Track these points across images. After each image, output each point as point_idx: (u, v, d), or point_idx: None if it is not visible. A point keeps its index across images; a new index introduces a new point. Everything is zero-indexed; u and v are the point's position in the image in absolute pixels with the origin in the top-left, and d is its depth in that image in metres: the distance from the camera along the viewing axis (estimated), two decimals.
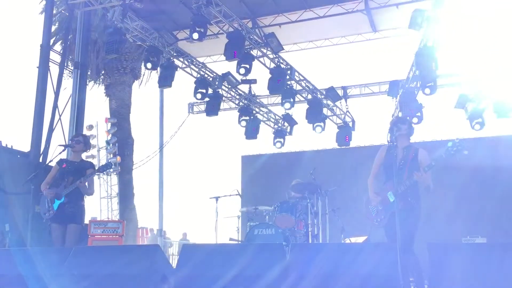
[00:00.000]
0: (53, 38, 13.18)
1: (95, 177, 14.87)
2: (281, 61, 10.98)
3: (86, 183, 5.94)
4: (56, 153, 7.53)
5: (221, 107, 12.88)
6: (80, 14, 11.09)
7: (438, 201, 11.21)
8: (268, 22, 11.37)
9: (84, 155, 6.53)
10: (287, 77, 11.12)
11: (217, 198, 8.95)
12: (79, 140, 6.14)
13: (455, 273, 4.20)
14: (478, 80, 11.97)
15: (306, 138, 14.12)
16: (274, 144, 13.75)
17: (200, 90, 11.67)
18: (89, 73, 13.98)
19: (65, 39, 12.22)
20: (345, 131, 13.29)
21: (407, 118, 5.22)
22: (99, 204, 16.28)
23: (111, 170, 6.12)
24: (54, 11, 12.69)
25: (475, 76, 12.09)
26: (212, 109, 12.33)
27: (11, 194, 8.86)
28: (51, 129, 10.40)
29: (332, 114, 13.29)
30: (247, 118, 13.08)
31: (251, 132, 13.14)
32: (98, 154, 15.94)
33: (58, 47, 13.26)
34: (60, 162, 6.07)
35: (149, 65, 10.45)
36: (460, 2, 8.59)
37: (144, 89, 16.44)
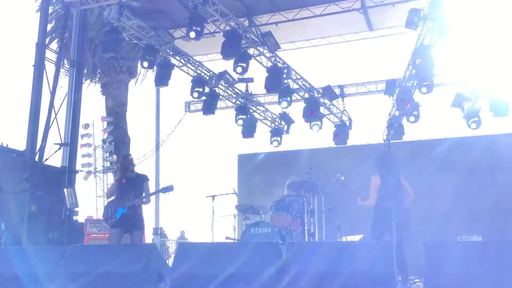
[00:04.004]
0: (49, 37, 13.14)
1: (91, 176, 14.80)
2: (278, 60, 10.97)
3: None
4: (51, 152, 7.49)
5: (218, 105, 12.86)
6: (76, 13, 11.06)
7: (434, 199, 11.25)
8: (264, 20, 11.36)
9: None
10: (284, 75, 11.12)
11: (213, 197, 8.95)
12: (132, 171, 6.83)
13: (451, 271, 4.21)
14: (474, 79, 12.00)
15: (303, 137, 14.14)
16: (271, 142, 13.74)
17: (196, 89, 11.64)
18: (85, 71, 13.94)
19: (61, 37, 12.16)
20: (342, 130, 13.30)
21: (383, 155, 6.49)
22: (95, 203, 16.27)
23: (171, 192, 6.81)
24: (50, 10, 12.68)
25: (471, 75, 12.13)
26: (209, 108, 12.32)
27: (6, 193, 8.84)
28: (47, 128, 10.37)
29: (329, 113, 13.29)
30: (244, 116, 13.08)
31: (248, 130, 13.13)
32: (94, 153, 15.92)
33: (54, 45, 13.22)
34: (120, 178, 6.83)
35: (145, 64, 10.41)
36: (456, 1, 8.60)
37: (141, 88, 16.39)
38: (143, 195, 6.73)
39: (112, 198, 6.83)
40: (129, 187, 6.66)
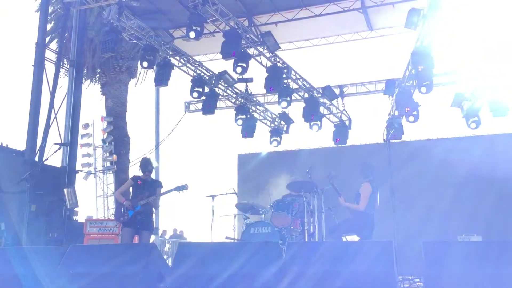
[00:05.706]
0: (49, 37, 13.13)
1: (91, 176, 14.79)
2: (278, 59, 10.97)
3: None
4: (51, 152, 7.50)
5: (218, 105, 12.85)
6: (76, 13, 11.06)
7: (434, 199, 11.27)
8: (264, 20, 11.37)
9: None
10: (284, 75, 11.11)
11: (213, 197, 8.96)
12: (150, 171, 7.12)
13: (451, 271, 4.22)
14: (474, 79, 12.00)
15: (303, 137, 14.13)
16: (271, 142, 13.73)
17: (196, 89, 11.62)
18: (85, 71, 13.94)
19: (61, 37, 12.16)
20: (341, 130, 13.29)
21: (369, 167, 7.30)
22: (95, 203, 16.26)
23: (185, 190, 6.96)
24: (50, 10, 12.66)
25: (471, 75, 12.12)
26: (209, 107, 12.30)
27: (6, 193, 8.84)
28: (47, 128, 10.38)
29: (329, 112, 13.29)
30: (244, 116, 13.05)
31: (248, 130, 13.12)
32: (94, 153, 15.90)
33: (54, 45, 13.21)
34: (135, 178, 7.05)
35: (145, 63, 10.38)
36: (456, 1, 8.60)
37: (140, 87, 16.38)
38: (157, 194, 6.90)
39: (123, 197, 6.98)
40: (143, 189, 6.87)
